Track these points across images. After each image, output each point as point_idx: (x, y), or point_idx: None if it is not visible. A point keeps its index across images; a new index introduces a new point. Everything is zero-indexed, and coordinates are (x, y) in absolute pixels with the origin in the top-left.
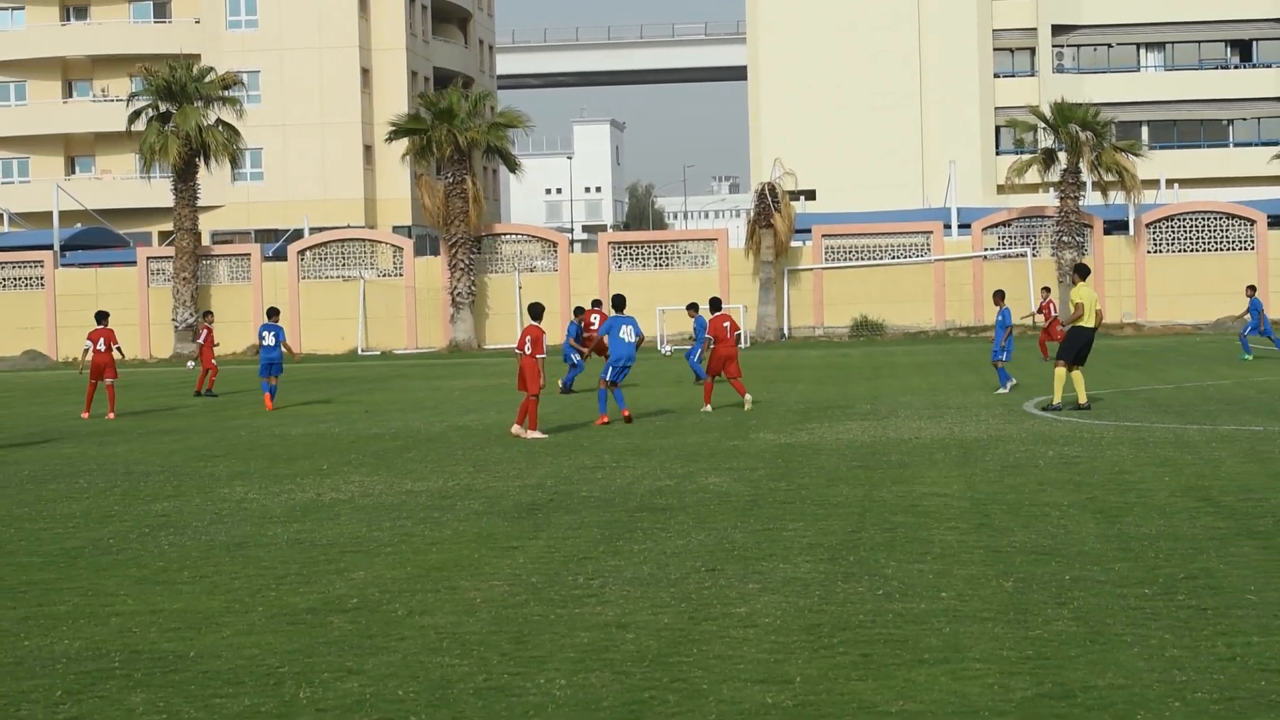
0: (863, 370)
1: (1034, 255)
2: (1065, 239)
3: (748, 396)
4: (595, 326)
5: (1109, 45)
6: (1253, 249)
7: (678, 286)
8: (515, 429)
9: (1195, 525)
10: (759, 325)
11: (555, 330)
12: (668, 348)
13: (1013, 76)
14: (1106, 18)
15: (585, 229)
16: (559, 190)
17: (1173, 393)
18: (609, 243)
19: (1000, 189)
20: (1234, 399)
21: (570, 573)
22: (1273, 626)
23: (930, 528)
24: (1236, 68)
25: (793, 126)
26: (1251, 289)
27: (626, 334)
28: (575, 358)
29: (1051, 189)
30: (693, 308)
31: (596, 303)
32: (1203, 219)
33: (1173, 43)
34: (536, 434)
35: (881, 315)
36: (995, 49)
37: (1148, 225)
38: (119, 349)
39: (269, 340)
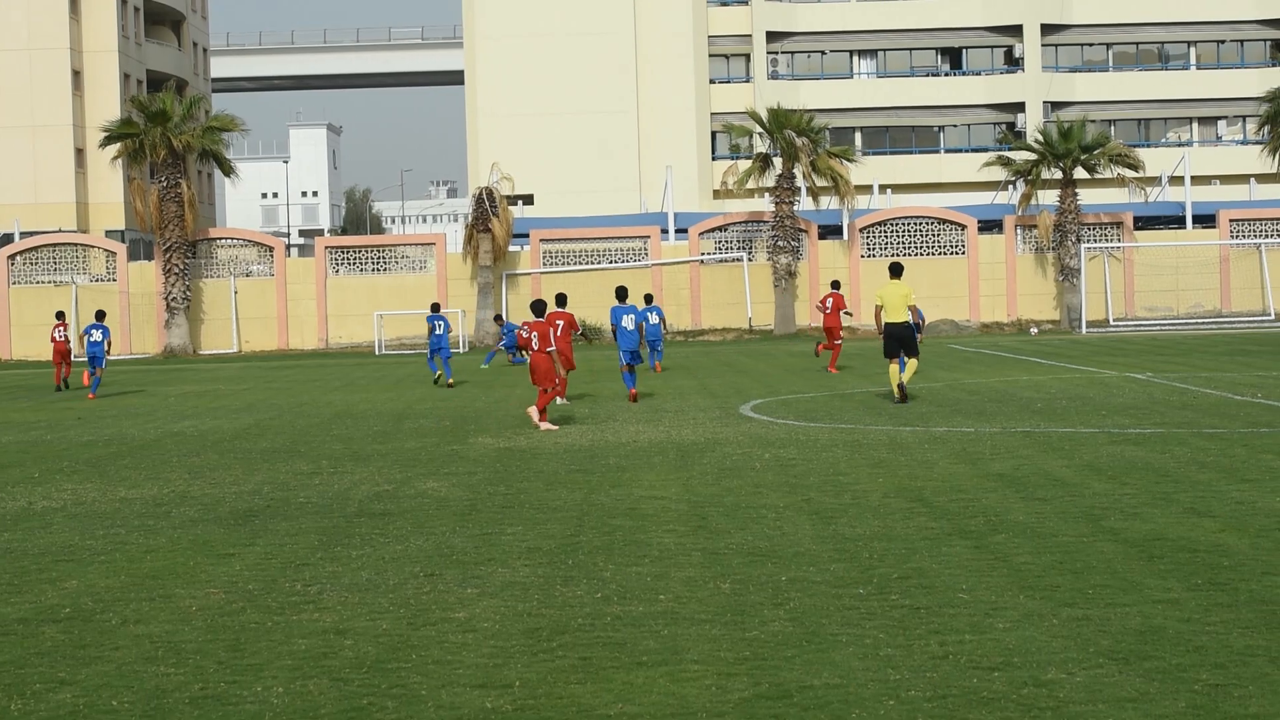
0: (582, 375)
1: (750, 260)
2: (781, 244)
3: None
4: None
5: (823, 52)
6: (964, 253)
7: (396, 291)
8: (532, 411)
9: (908, 525)
10: (477, 330)
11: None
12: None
13: (729, 83)
14: (819, 25)
15: (302, 233)
16: (275, 194)
17: (887, 395)
18: (326, 247)
19: (717, 194)
20: (946, 400)
21: (288, 579)
22: (984, 625)
23: (648, 530)
24: (947, 75)
25: (510, 131)
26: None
27: (627, 322)
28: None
29: (767, 194)
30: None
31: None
32: (915, 224)
33: (885, 50)
34: (548, 425)
35: (600, 319)
36: (711, 55)
37: (861, 230)
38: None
39: (96, 336)
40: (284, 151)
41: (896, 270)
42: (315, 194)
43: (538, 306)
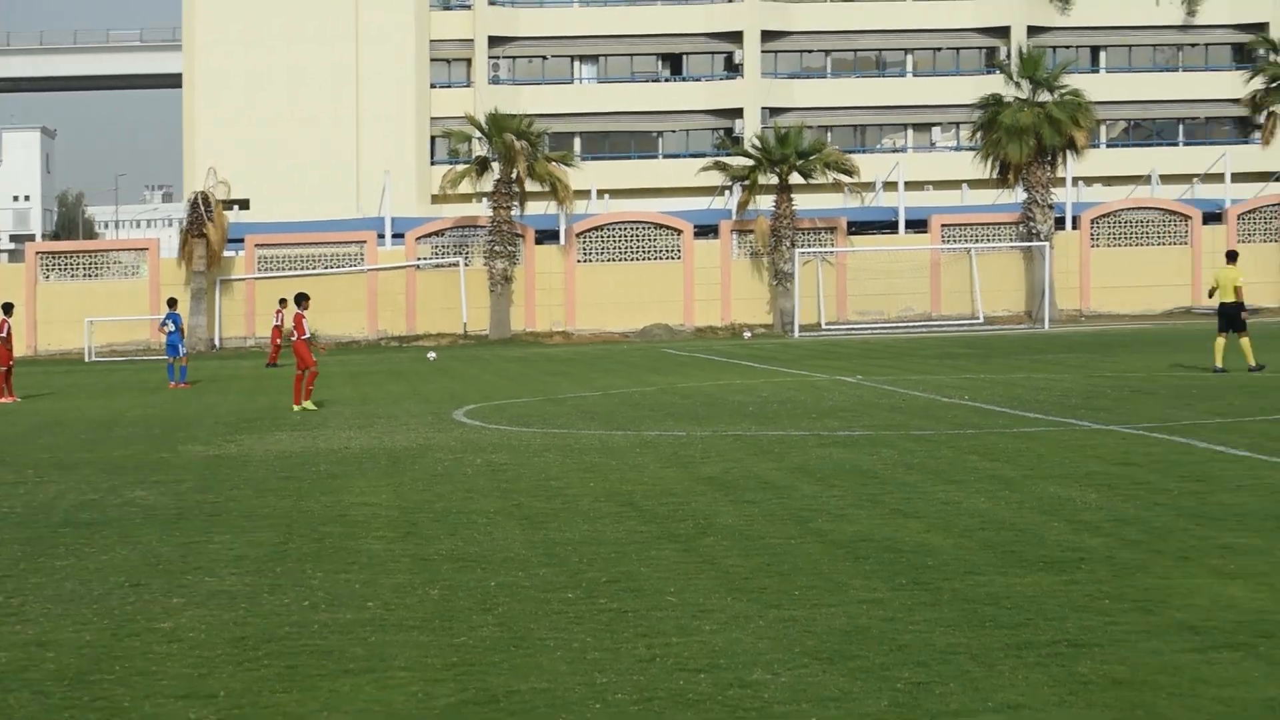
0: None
1: (467, 265)
2: (498, 248)
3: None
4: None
5: (544, 57)
6: (679, 258)
7: (109, 297)
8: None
9: (619, 529)
10: (190, 335)
11: None
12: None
13: (450, 87)
14: (541, 30)
15: (13, 239)
16: None
17: (599, 399)
18: (37, 253)
19: (435, 199)
20: (658, 405)
21: None
22: (690, 627)
23: (358, 537)
24: (667, 81)
25: (228, 135)
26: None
27: None
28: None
29: (485, 199)
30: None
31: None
32: (632, 229)
33: (606, 55)
34: (309, 404)
35: (314, 325)
36: (433, 60)
37: (578, 235)
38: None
39: (171, 327)
40: None
41: (1232, 257)
42: (27, 198)
43: (301, 299)
